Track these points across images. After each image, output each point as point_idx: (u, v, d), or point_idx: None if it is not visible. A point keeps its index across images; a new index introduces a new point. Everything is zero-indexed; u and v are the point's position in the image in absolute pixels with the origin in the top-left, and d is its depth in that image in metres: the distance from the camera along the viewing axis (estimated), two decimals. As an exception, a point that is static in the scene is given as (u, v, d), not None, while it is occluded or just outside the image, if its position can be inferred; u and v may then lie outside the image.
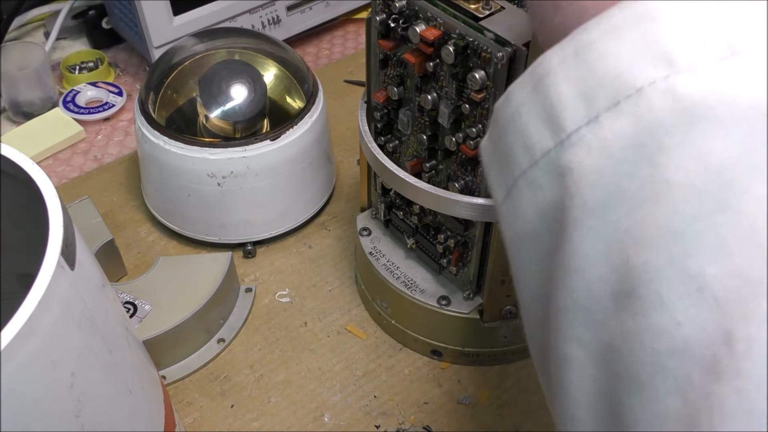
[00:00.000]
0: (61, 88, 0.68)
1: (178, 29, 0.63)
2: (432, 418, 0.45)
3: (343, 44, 0.75)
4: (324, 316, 0.51)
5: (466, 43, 0.35)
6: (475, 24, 0.34)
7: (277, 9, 0.68)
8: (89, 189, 0.58)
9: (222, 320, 0.50)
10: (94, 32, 0.72)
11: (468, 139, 0.37)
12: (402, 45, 0.39)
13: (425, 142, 0.40)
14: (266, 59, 0.53)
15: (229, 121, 0.50)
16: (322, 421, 0.45)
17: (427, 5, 0.36)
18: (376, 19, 0.38)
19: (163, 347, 0.46)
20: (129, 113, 0.67)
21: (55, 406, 0.25)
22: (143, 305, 0.47)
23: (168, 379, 0.47)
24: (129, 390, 0.30)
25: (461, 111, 0.37)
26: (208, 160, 0.50)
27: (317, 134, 0.53)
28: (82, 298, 0.26)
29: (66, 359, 0.25)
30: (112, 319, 0.30)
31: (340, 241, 0.56)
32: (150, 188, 0.55)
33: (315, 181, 0.55)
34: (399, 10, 0.37)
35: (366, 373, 0.48)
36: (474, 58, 0.35)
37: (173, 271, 0.49)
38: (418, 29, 0.36)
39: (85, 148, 0.64)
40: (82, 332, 0.26)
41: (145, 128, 0.51)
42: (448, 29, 0.35)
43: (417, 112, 0.40)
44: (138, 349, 0.34)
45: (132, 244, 0.55)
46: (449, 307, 0.45)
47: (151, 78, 0.53)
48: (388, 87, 0.41)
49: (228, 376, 0.48)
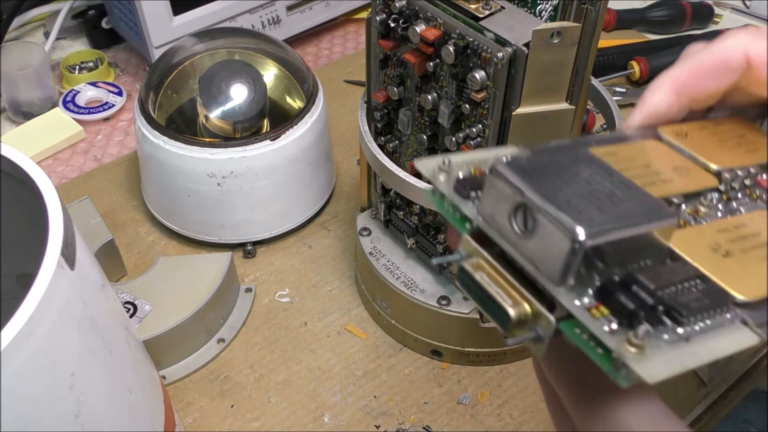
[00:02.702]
0: (61, 88, 0.68)
1: (178, 29, 0.63)
2: (432, 418, 0.45)
3: (343, 44, 0.75)
4: (324, 316, 0.51)
5: (466, 43, 0.35)
6: (475, 24, 0.34)
7: (277, 9, 0.68)
8: (89, 189, 0.58)
9: (222, 320, 0.50)
10: (94, 32, 0.72)
11: (468, 139, 0.37)
12: (402, 45, 0.39)
13: (425, 142, 0.40)
14: (266, 59, 0.53)
15: (229, 121, 0.50)
16: (322, 421, 0.45)
17: (427, 5, 0.36)
18: (376, 19, 0.38)
19: (163, 347, 0.46)
20: (129, 113, 0.67)
21: (55, 406, 0.25)
22: (143, 305, 0.47)
23: (168, 379, 0.47)
24: (129, 390, 0.30)
25: (461, 111, 0.37)
26: (208, 160, 0.50)
27: (317, 134, 0.53)
28: (82, 298, 0.26)
29: (66, 359, 0.25)
30: (112, 319, 0.30)
31: (340, 241, 0.56)
32: (150, 188, 0.55)
33: (315, 181, 0.55)
34: (399, 10, 0.37)
35: (366, 373, 0.48)
36: (474, 58, 0.35)
37: (173, 271, 0.49)
38: (418, 29, 0.36)
39: (85, 148, 0.64)
40: (82, 332, 0.26)
41: (145, 128, 0.51)
42: (448, 29, 0.35)
43: (417, 112, 0.40)
44: (138, 349, 0.34)
45: (132, 244, 0.55)
46: (449, 307, 0.45)
47: (151, 78, 0.53)
48: (388, 87, 0.41)
49: (228, 376, 0.47)
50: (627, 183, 0.21)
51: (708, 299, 0.21)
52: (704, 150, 0.27)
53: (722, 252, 0.23)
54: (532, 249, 0.20)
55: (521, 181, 0.20)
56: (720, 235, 0.23)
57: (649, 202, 0.21)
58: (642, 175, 0.24)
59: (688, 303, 0.20)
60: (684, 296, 0.20)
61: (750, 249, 0.23)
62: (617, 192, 0.21)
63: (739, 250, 0.23)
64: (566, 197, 0.20)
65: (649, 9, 0.76)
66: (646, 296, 0.20)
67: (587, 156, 0.23)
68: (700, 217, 0.24)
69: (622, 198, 0.21)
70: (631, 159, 0.25)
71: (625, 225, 0.20)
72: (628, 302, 0.19)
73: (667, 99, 0.27)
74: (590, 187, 0.21)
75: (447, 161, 0.23)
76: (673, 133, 0.27)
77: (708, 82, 0.27)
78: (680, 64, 0.28)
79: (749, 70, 0.26)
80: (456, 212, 0.23)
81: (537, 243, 0.20)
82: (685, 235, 0.23)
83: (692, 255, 0.22)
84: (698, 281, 0.21)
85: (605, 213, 0.20)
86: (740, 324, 0.21)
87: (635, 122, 0.28)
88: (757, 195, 0.26)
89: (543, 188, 0.20)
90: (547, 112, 0.35)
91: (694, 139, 0.27)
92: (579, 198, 0.20)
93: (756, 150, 0.28)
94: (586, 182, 0.21)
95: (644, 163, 0.25)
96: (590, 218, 0.19)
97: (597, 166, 0.22)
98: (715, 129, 0.28)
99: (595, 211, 0.20)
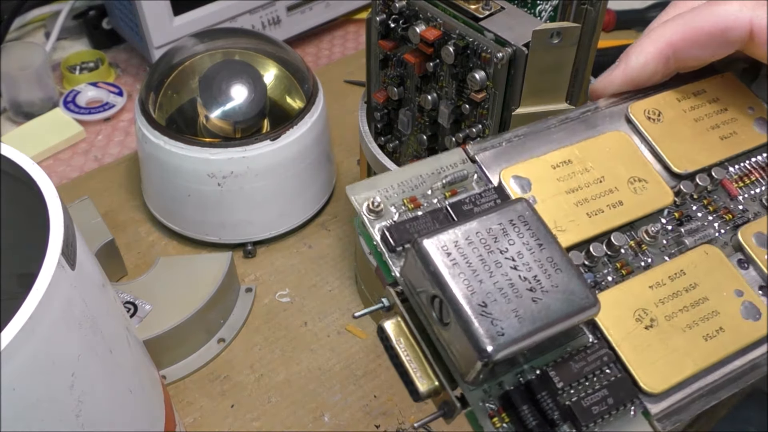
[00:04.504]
0: (62, 88, 0.68)
1: (178, 29, 0.63)
2: (432, 418, 0.45)
3: (343, 44, 0.75)
4: (324, 316, 0.51)
5: (466, 43, 0.35)
6: (475, 24, 0.34)
7: (277, 9, 0.68)
8: (89, 189, 0.58)
9: (222, 320, 0.50)
10: (94, 32, 0.72)
11: (468, 139, 0.37)
12: (402, 45, 0.39)
13: (425, 142, 0.40)
14: (266, 59, 0.53)
15: (230, 121, 0.50)
16: (322, 421, 0.45)
17: (427, 5, 0.36)
18: (376, 20, 0.38)
19: (163, 347, 0.46)
20: (129, 113, 0.67)
21: (55, 406, 0.25)
22: (143, 305, 0.47)
23: (168, 379, 0.47)
24: (129, 390, 0.30)
25: (461, 111, 0.37)
26: (209, 160, 0.50)
27: (317, 134, 0.53)
28: (82, 298, 0.26)
29: (66, 359, 0.25)
30: (113, 319, 0.30)
31: (340, 241, 0.56)
32: (150, 188, 0.55)
33: (315, 181, 0.55)
34: (399, 11, 0.37)
35: (366, 373, 0.48)
36: (474, 59, 0.35)
37: (173, 271, 0.49)
38: (418, 29, 0.36)
39: (86, 149, 0.64)
40: (82, 332, 0.26)
41: (145, 128, 0.51)
42: (448, 29, 0.35)
43: (417, 112, 0.40)
44: (138, 349, 0.34)
45: (132, 244, 0.55)
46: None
47: (152, 78, 0.53)
48: (388, 87, 0.41)
49: (228, 376, 0.48)
50: (556, 259, 0.20)
51: (613, 398, 0.21)
52: (673, 140, 0.26)
53: (646, 322, 0.22)
54: (447, 337, 0.20)
55: (441, 269, 0.20)
56: (650, 293, 0.23)
57: (574, 292, 0.20)
58: (593, 197, 0.24)
59: (590, 408, 0.20)
60: (590, 397, 0.21)
61: (677, 313, 0.23)
62: (542, 279, 0.20)
63: (665, 317, 0.23)
64: (484, 295, 0.19)
65: (649, 9, 0.76)
66: (549, 406, 0.20)
67: (524, 218, 0.21)
68: (642, 252, 0.24)
69: (545, 288, 0.20)
70: (586, 171, 0.24)
71: (540, 328, 0.19)
72: (528, 418, 0.20)
73: (653, 65, 0.25)
74: (515, 273, 0.20)
75: (376, 202, 0.23)
76: (644, 114, 0.26)
77: (703, 51, 0.24)
78: (673, 24, 0.24)
79: (751, 41, 0.23)
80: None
81: (451, 336, 0.20)
82: (613, 297, 0.23)
83: (613, 328, 0.22)
84: (612, 366, 0.21)
85: (521, 317, 0.19)
86: (641, 416, 0.21)
87: (615, 85, 0.26)
88: (714, 207, 0.25)
89: (462, 280, 0.20)
90: (547, 113, 0.35)
91: (666, 122, 0.26)
92: (497, 295, 0.20)
93: (732, 136, 0.26)
94: (511, 266, 0.20)
95: (599, 175, 0.24)
96: (502, 329, 0.19)
97: (530, 233, 0.21)
98: (695, 101, 0.27)
99: (511, 317, 0.19)
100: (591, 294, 0.20)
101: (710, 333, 0.23)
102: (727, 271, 0.24)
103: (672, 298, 0.23)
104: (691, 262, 0.24)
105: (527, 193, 0.24)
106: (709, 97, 0.27)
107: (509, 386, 0.21)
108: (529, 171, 0.24)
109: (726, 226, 0.25)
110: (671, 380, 0.22)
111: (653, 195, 0.25)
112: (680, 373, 0.22)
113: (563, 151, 0.25)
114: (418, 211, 0.23)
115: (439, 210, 0.23)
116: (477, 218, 0.21)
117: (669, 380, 0.22)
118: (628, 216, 0.24)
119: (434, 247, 0.20)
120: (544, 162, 0.25)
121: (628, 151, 0.25)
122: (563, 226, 0.23)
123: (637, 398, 0.21)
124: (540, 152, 0.25)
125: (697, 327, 0.23)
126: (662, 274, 0.23)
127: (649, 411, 0.21)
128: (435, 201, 0.24)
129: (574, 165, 0.25)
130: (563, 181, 0.24)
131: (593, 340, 0.22)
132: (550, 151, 0.25)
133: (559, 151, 0.25)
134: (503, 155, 0.25)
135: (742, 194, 0.26)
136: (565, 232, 0.23)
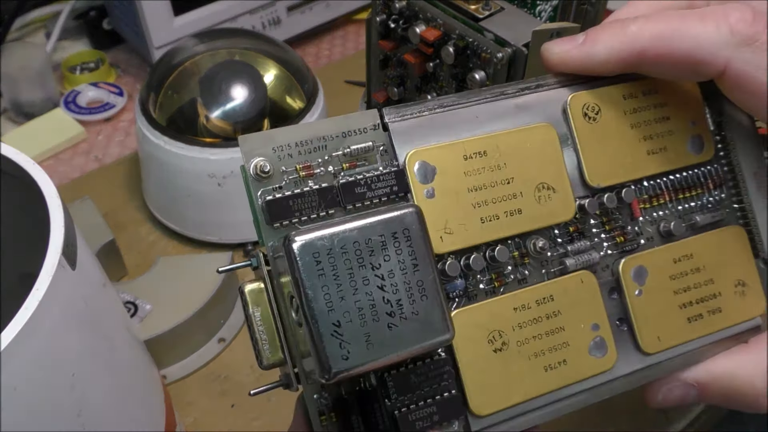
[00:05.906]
0: (62, 88, 0.68)
1: (178, 30, 0.63)
2: (432, 417, 0.45)
3: (343, 44, 0.75)
4: (324, 316, 0.51)
5: (466, 43, 0.35)
6: (475, 24, 0.34)
7: (277, 9, 0.69)
8: (90, 189, 0.58)
9: (222, 320, 0.50)
10: (95, 33, 0.72)
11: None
12: (402, 45, 0.39)
13: (425, 142, 0.40)
14: (267, 59, 0.53)
15: (230, 121, 0.50)
16: (323, 420, 0.45)
17: (427, 6, 0.36)
18: (377, 20, 0.39)
19: (163, 347, 0.46)
20: (130, 113, 0.67)
21: (56, 406, 0.25)
22: (144, 305, 0.47)
23: (168, 379, 0.47)
24: (130, 389, 0.30)
25: (461, 111, 0.37)
26: (209, 161, 0.50)
27: (317, 134, 0.53)
28: (83, 298, 0.26)
29: (67, 359, 0.25)
30: (113, 319, 0.30)
31: (341, 241, 0.56)
32: (150, 188, 0.55)
33: (315, 181, 0.55)
34: (399, 11, 0.38)
35: (366, 372, 0.48)
36: (474, 59, 0.35)
37: (173, 271, 0.49)
38: (418, 30, 0.36)
39: (86, 149, 0.64)
40: (82, 332, 0.26)
41: (145, 128, 0.51)
42: (448, 30, 0.35)
43: (417, 112, 0.40)
44: (139, 349, 0.34)
45: (132, 244, 0.55)
46: (449, 307, 0.45)
47: (152, 78, 0.53)
48: (388, 87, 0.41)
49: (228, 375, 0.48)
50: (426, 284, 0.20)
51: (440, 415, 0.21)
52: (599, 146, 0.25)
53: (497, 345, 0.23)
54: (298, 331, 0.20)
55: (306, 278, 0.19)
56: (512, 315, 0.23)
57: (432, 323, 0.20)
58: (494, 200, 0.23)
59: (415, 423, 0.21)
60: (417, 412, 0.21)
61: (529, 340, 0.23)
62: (404, 304, 0.20)
63: (516, 342, 0.23)
64: (341, 314, 0.19)
65: (650, 9, 0.76)
66: (379, 417, 0.21)
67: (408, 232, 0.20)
68: (522, 264, 0.24)
69: (404, 315, 0.20)
70: (497, 168, 0.23)
71: (387, 356, 0.19)
72: (356, 426, 0.21)
73: (615, 64, 0.23)
74: (379, 294, 0.20)
75: (266, 168, 0.21)
76: (582, 110, 0.25)
77: (667, 69, 0.23)
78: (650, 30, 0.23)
79: (720, 79, 0.23)
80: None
81: (301, 334, 0.20)
82: (475, 315, 0.23)
83: (463, 348, 0.22)
84: (450, 382, 0.22)
85: (371, 343, 0.19)
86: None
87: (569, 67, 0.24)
88: (611, 227, 0.25)
89: (323, 294, 0.19)
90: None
91: (600, 123, 0.25)
92: (354, 315, 0.19)
93: (660, 152, 0.25)
94: (378, 284, 0.20)
95: (510, 176, 0.23)
96: (348, 354, 0.19)
97: (408, 251, 0.20)
98: (640, 102, 0.25)
99: (361, 342, 0.19)
100: (448, 325, 0.20)
101: (552, 364, 0.23)
102: (594, 303, 0.24)
103: (530, 324, 0.23)
104: (563, 289, 0.24)
105: (428, 184, 0.22)
106: (658, 100, 0.25)
107: (345, 392, 0.21)
108: (438, 158, 0.23)
109: (614, 249, 0.25)
110: (498, 405, 0.22)
111: (555, 208, 0.24)
112: (508, 400, 0.22)
113: (483, 140, 0.23)
114: (309, 182, 0.22)
115: (329, 189, 0.21)
116: (360, 220, 0.20)
117: (496, 405, 0.22)
118: (521, 228, 0.23)
119: (305, 251, 0.19)
120: (458, 149, 0.23)
121: (548, 151, 0.24)
122: (452, 228, 0.22)
123: (464, 416, 0.22)
124: (460, 132, 0.23)
125: (543, 357, 0.23)
126: (530, 297, 0.23)
127: (471, 428, 0.22)
128: (331, 170, 0.22)
129: (488, 158, 0.23)
130: (470, 176, 0.23)
131: (442, 354, 0.22)
132: (471, 135, 0.23)
133: (479, 139, 0.23)
134: (419, 129, 0.23)
135: (643, 215, 0.25)
136: (452, 234, 0.22)
